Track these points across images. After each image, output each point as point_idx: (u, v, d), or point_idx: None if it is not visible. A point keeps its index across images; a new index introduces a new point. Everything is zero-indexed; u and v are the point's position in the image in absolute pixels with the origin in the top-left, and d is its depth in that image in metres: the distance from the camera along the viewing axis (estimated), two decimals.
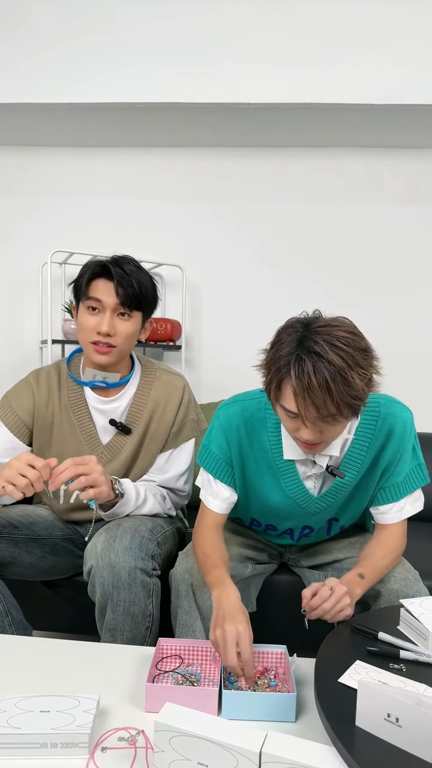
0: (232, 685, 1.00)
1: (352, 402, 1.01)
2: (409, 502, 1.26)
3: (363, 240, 2.59)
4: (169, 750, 0.76)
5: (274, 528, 1.37)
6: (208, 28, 2.17)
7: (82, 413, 1.46)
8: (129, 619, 1.25)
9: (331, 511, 1.31)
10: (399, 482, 1.24)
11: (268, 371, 1.08)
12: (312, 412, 1.01)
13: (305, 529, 1.35)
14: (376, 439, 1.22)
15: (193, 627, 1.25)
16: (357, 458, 1.23)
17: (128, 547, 1.25)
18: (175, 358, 2.66)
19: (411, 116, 2.24)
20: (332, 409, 1.01)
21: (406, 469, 1.24)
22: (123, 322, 1.36)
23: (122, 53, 2.19)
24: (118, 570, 1.23)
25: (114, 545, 1.25)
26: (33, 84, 2.21)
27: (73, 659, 1.10)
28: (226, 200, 2.63)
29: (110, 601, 1.25)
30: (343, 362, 0.98)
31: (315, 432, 1.06)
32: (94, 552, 1.28)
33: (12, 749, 0.81)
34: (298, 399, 1.01)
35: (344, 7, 2.14)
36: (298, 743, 0.73)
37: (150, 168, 2.63)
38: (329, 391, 0.98)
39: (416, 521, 2.06)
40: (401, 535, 1.26)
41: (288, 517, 1.32)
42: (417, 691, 0.82)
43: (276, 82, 2.17)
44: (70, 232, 2.64)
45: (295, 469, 1.25)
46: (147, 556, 1.28)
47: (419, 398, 2.57)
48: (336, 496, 1.27)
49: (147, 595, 1.26)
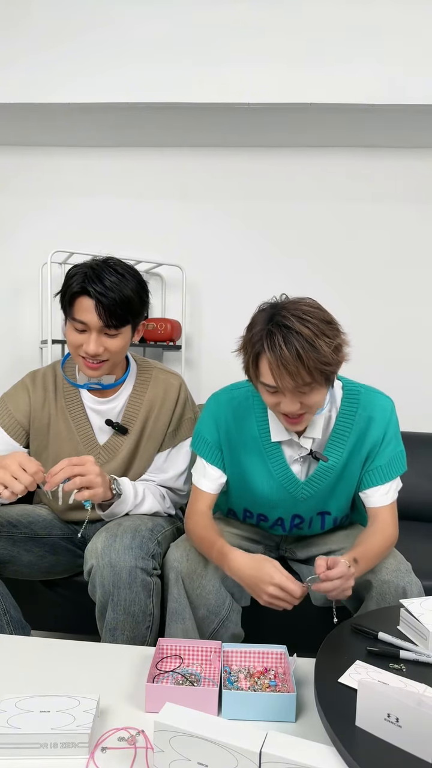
0: (232, 685, 1.00)
1: (323, 368, 1.09)
2: (394, 485, 1.31)
3: (363, 240, 2.59)
4: (169, 750, 0.76)
5: (266, 518, 1.40)
6: (208, 28, 2.17)
7: (78, 414, 1.46)
8: (130, 618, 1.25)
9: (319, 499, 1.34)
10: (383, 465, 1.30)
11: (245, 352, 1.18)
12: (288, 381, 1.10)
13: (295, 518, 1.38)
14: (358, 424, 1.28)
15: (183, 614, 1.26)
16: (339, 443, 1.29)
17: (129, 546, 1.25)
18: (175, 358, 2.66)
19: (411, 116, 2.24)
20: (306, 377, 1.09)
21: (390, 453, 1.30)
22: (111, 339, 1.33)
23: (122, 53, 2.19)
24: (118, 569, 1.23)
25: (114, 544, 1.25)
26: (33, 84, 2.21)
27: (73, 659, 1.10)
28: (226, 200, 2.63)
29: (111, 600, 1.24)
30: (311, 332, 1.08)
31: (294, 402, 1.14)
32: (94, 551, 1.27)
33: (12, 749, 0.81)
34: (274, 371, 1.10)
35: (344, 8, 2.14)
36: (298, 743, 0.73)
37: (150, 168, 2.64)
38: (301, 359, 1.07)
39: (416, 521, 2.08)
40: (393, 523, 1.30)
41: (277, 504, 1.35)
42: (417, 691, 0.82)
43: (276, 82, 2.17)
44: (70, 232, 2.64)
45: (282, 453, 1.31)
46: (147, 556, 1.27)
47: (419, 398, 2.58)
48: (321, 481, 1.31)
49: (147, 594, 1.26)
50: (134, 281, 1.33)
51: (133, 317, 1.35)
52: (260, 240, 2.62)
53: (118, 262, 1.34)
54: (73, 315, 1.32)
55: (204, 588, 1.27)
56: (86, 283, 1.28)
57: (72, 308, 1.32)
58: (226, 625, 1.30)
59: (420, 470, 2.13)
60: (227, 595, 1.32)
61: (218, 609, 1.29)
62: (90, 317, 1.29)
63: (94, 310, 1.28)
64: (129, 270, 1.34)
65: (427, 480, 2.12)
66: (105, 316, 1.28)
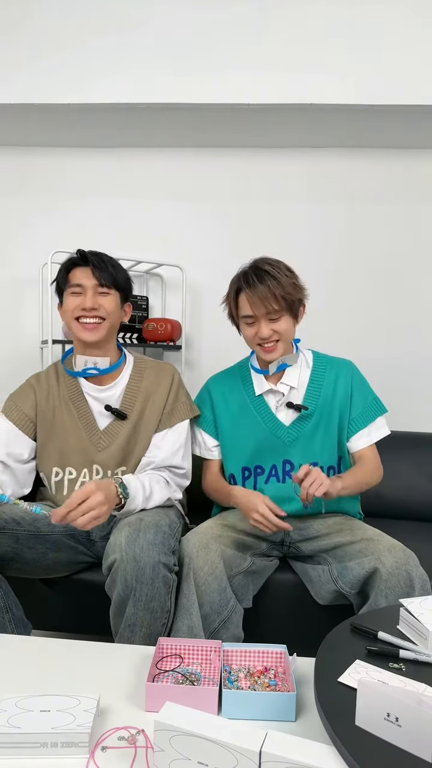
0: (232, 685, 1.00)
1: (286, 295, 1.44)
2: (373, 428, 1.57)
3: (363, 240, 2.59)
4: (169, 749, 0.76)
5: (262, 470, 1.57)
6: (208, 29, 2.18)
7: (79, 402, 1.56)
8: (148, 614, 1.26)
9: (304, 443, 1.54)
10: (360, 413, 1.56)
11: (228, 298, 1.55)
12: (261, 308, 1.44)
13: (286, 464, 1.56)
14: (327, 379, 1.57)
15: (191, 610, 1.27)
16: (313, 393, 1.56)
17: (152, 541, 1.27)
18: (175, 358, 2.67)
19: (410, 116, 2.24)
20: (274, 304, 1.43)
21: (362, 402, 1.57)
22: (104, 297, 1.50)
23: (123, 55, 2.19)
24: (142, 565, 1.24)
25: (138, 539, 1.27)
26: (34, 85, 2.21)
27: (73, 659, 1.10)
28: (226, 200, 2.63)
29: (132, 595, 1.25)
30: (275, 269, 1.45)
31: (267, 328, 1.46)
32: (118, 546, 1.28)
33: (12, 749, 0.81)
34: (250, 299, 1.45)
35: (344, 9, 2.14)
36: (297, 743, 0.73)
37: (150, 168, 2.64)
38: (269, 287, 1.42)
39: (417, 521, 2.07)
40: (374, 458, 1.56)
41: (269, 450, 1.56)
42: (417, 690, 0.83)
43: (276, 83, 2.17)
44: (71, 232, 2.64)
45: (267, 405, 1.57)
46: (169, 552, 1.30)
47: (419, 398, 2.58)
48: (303, 425, 1.55)
49: (167, 591, 1.28)
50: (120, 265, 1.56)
51: (121, 287, 1.53)
52: (260, 240, 2.62)
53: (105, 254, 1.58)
54: (70, 281, 1.51)
55: (210, 585, 1.28)
56: (84, 255, 1.52)
57: (68, 277, 1.52)
58: (227, 625, 1.30)
59: (420, 470, 2.12)
60: (232, 596, 1.32)
61: (221, 609, 1.30)
62: (86, 280, 1.49)
63: (90, 273, 1.49)
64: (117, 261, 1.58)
65: (427, 480, 2.12)
66: (99, 277, 1.48)
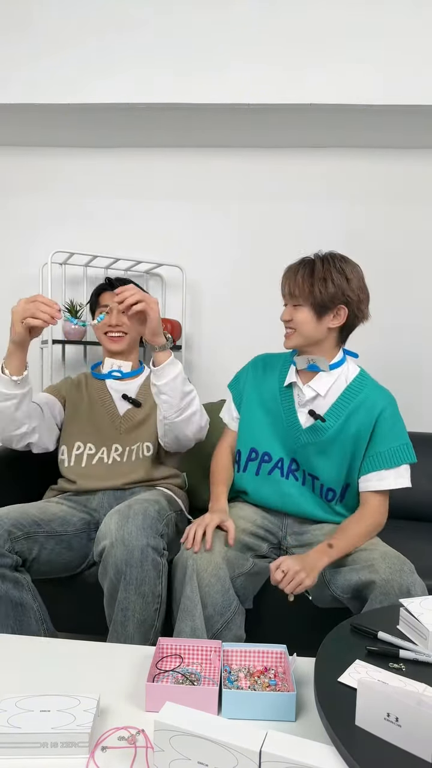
0: (232, 685, 1.00)
1: (311, 290, 1.41)
2: (393, 476, 1.42)
3: (363, 240, 2.59)
4: (169, 749, 0.76)
5: (269, 458, 1.54)
6: (208, 29, 2.17)
7: (104, 395, 1.81)
8: (140, 599, 1.31)
9: (314, 451, 1.48)
10: (383, 452, 1.43)
11: None
12: (285, 288, 1.47)
13: (293, 463, 1.52)
14: (359, 400, 1.46)
15: (194, 612, 1.27)
16: (339, 410, 1.47)
17: (141, 526, 1.35)
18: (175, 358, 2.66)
19: (410, 116, 2.24)
20: (295, 290, 1.44)
21: (391, 442, 1.43)
22: (125, 317, 1.68)
23: (123, 55, 2.19)
24: (131, 548, 1.31)
25: (127, 525, 1.35)
26: (34, 85, 2.21)
27: (73, 659, 1.10)
28: (226, 200, 2.63)
29: (123, 579, 1.31)
30: (322, 268, 1.43)
31: (288, 312, 1.47)
32: (108, 532, 1.36)
33: (12, 749, 0.81)
34: (284, 277, 1.49)
35: (344, 8, 2.14)
36: (297, 743, 0.73)
37: (150, 168, 2.63)
38: (300, 276, 1.43)
39: (415, 521, 2.08)
40: (379, 509, 1.43)
41: (281, 442, 1.53)
42: (417, 690, 0.83)
43: (276, 83, 2.17)
44: (71, 232, 2.64)
45: (293, 398, 1.53)
46: (157, 535, 1.37)
47: (419, 397, 2.58)
48: (317, 434, 1.47)
49: (157, 574, 1.34)
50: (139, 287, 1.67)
51: None
52: (260, 240, 2.62)
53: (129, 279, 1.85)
54: (100, 303, 1.83)
55: (213, 587, 1.28)
56: (108, 281, 1.85)
57: (98, 300, 1.84)
58: (229, 626, 1.30)
59: (420, 470, 2.12)
60: (234, 598, 1.32)
61: (224, 610, 1.29)
62: (111, 301, 1.71)
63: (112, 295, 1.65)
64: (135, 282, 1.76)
65: (427, 480, 2.12)
66: None
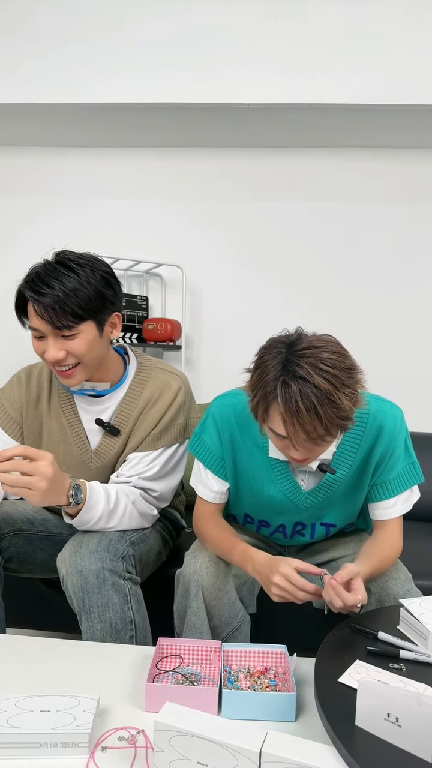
0: (232, 685, 1.00)
1: (340, 423, 1.01)
2: (400, 501, 1.27)
3: (362, 240, 2.59)
4: (169, 750, 0.76)
5: (267, 524, 1.36)
6: (209, 29, 2.17)
7: (71, 414, 1.39)
8: (107, 626, 1.18)
9: (322, 509, 1.30)
10: (390, 479, 1.25)
11: (254, 394, 1.06)
12: (301, 435, 1.02)
13: (297, 525, 1.34)
14: (367, 437, 1.22)
15: (201, 629, 1.24)
16: (348, 456, 1.23)
17: (94, 550, 1.20)
18: (175, 358, 2.66)
19: (410, 116, 2.24)
20: (321, 431, 1.01)
21: (399, 467, 1.25)
22: (70, 341, 1.21)
23: (123, 54, 2.19)
24: (85, 574, 1.18)
25: (80, 550, 1.21)
26: (34, 85, 2.21)
27: (73, 659, 1.10)
28: (225, 200, 2.63)
29: (83, 608, 1.18)
30: (330, 385, 0.98)
31: (304, 452, 1.08)
32: (62, 559, 1.23)
33: (12, 749, 0.81)
34: (287, 424, 1.01)
35: (344, 9, 2.14)
36: (298, 743, 0.73)
37: (150, 168, 2.63)
38: (318, 416, 0.98)
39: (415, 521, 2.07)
40: (398, 536, 1.27)
41: (279, 512, 1.31)
42: (417, 690, 0.82)
43: (276, 83, 2.17)
44: (71, 232, 2.64)
45: (286, 464, 1.25)
46: (116, 558, 1.21)
47: (418, 398, 2.57)
48: (326, 492, 1.26)
49: (123, 600, 1.20)
50: (89, 272, 1.21)
51: (91, 312, 1.21)
52: (260, 240, 2.62)
53: (71, 256, 1.24)
54: (28, 322, 1.25)
55: (220, 600, 1.25)
56: (26, 288, 1.19)
57: (26, 314, 1.25)
58: (235, 635, 1.29)
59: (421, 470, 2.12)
60: (241, 608, 1.31)
61: (230, 620, 1.28)
62: (38, 322, 1.20)
63: (36, 314, 1.19)
64: (84, 262, 1.23)
65: (427, 480, 2.11)
66: (50, 317, 1.17)
